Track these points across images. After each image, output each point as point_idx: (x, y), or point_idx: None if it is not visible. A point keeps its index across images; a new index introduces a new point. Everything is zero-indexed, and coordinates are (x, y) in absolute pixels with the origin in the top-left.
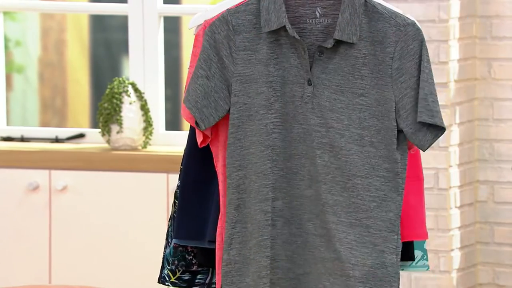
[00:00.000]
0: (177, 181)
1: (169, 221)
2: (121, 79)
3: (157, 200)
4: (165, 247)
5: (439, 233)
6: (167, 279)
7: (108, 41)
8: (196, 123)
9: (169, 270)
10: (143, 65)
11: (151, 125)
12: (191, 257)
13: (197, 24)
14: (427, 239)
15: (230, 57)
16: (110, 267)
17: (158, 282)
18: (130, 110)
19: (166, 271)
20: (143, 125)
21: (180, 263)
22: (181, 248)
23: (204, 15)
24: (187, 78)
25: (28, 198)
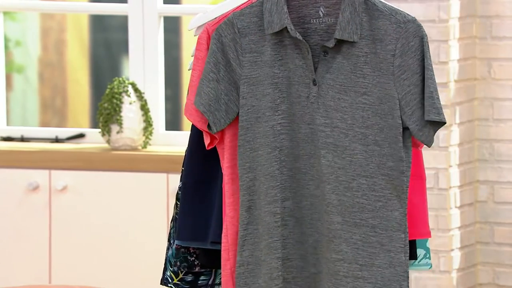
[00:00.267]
0: (179, 182)
1: (171, 222)
2: (121, 79)
3: (157, 200)
4: (168, 249)
5: (439, 233)
6: (170, 280)
7: (108, 41)
8: (208, 126)
9: (171, 272)
10: (143, 65)
11: (151, 125)
12: (193, 258)
13: (197, 26)
14: (430, 237)
15: (237, 60)
16: (110, 267)
17: (161, 283)
18: (130, 110)
19: (168, 273)
20: (143, 125)
21: (182, 265)
22: (183, 250)
23: (205, 17)
24: (190, 81)
25: (28, 198)
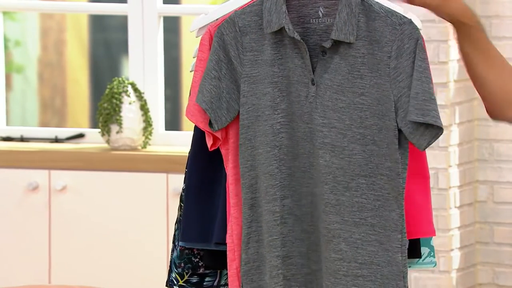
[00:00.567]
0: (183, 184)
1: (175, 224)
2: (120, 79)
3: (157, 200)
4: (172, 251)
5: (438, 233)
6: (175, 282)
7: (108, 41)
8: (209, 124)
9: (177, 274)
10: (143, 65)
11: (150, 125)
12: (197, 259)
13: (199, 27)
14: (435, 235)
15: (238, 58)
16: (109, 267)
17: (166, 285)
18: (129, 110)
19: (174, 275)
20: (142, 125)
21: (187, 266)
22: (187, 251)
23: (207, 18)
24: (192, 81)
25: (28, 198)
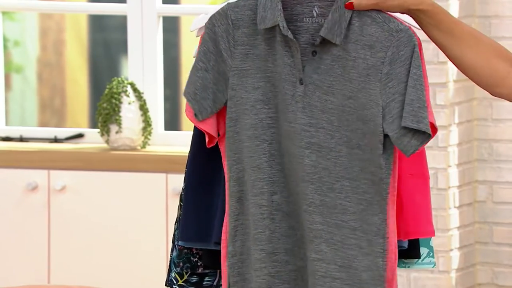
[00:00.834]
0: (182, 183)
1: (175, 224)
2: (120, 79)
3: (156, 200)
4: (172, 250)
5: (438, 233)
6: (175, 282)
7: (107, 41)
8: (194, 115)
9: (176, 273)
10: (142, 65)
11: (150, 125)
12: (196, 259)
13: (199, 27)
14: (434, 236)
15: (229, 51)
16: (108, 267)
17: (166, 285)
18: (129, 110)
19: (173, 274)
20: (142, 125)
21: (186, 265)
22: (186, 250)
23: (206, 17)
24: None
25: (27, 198)
